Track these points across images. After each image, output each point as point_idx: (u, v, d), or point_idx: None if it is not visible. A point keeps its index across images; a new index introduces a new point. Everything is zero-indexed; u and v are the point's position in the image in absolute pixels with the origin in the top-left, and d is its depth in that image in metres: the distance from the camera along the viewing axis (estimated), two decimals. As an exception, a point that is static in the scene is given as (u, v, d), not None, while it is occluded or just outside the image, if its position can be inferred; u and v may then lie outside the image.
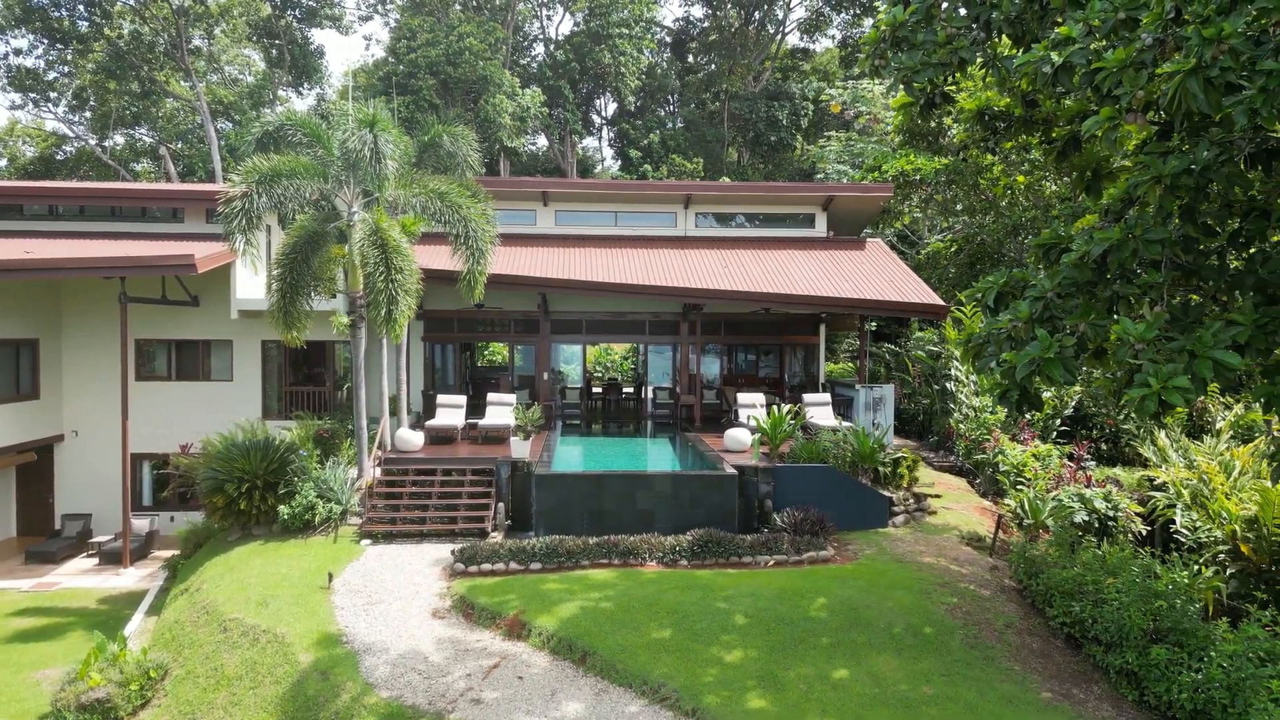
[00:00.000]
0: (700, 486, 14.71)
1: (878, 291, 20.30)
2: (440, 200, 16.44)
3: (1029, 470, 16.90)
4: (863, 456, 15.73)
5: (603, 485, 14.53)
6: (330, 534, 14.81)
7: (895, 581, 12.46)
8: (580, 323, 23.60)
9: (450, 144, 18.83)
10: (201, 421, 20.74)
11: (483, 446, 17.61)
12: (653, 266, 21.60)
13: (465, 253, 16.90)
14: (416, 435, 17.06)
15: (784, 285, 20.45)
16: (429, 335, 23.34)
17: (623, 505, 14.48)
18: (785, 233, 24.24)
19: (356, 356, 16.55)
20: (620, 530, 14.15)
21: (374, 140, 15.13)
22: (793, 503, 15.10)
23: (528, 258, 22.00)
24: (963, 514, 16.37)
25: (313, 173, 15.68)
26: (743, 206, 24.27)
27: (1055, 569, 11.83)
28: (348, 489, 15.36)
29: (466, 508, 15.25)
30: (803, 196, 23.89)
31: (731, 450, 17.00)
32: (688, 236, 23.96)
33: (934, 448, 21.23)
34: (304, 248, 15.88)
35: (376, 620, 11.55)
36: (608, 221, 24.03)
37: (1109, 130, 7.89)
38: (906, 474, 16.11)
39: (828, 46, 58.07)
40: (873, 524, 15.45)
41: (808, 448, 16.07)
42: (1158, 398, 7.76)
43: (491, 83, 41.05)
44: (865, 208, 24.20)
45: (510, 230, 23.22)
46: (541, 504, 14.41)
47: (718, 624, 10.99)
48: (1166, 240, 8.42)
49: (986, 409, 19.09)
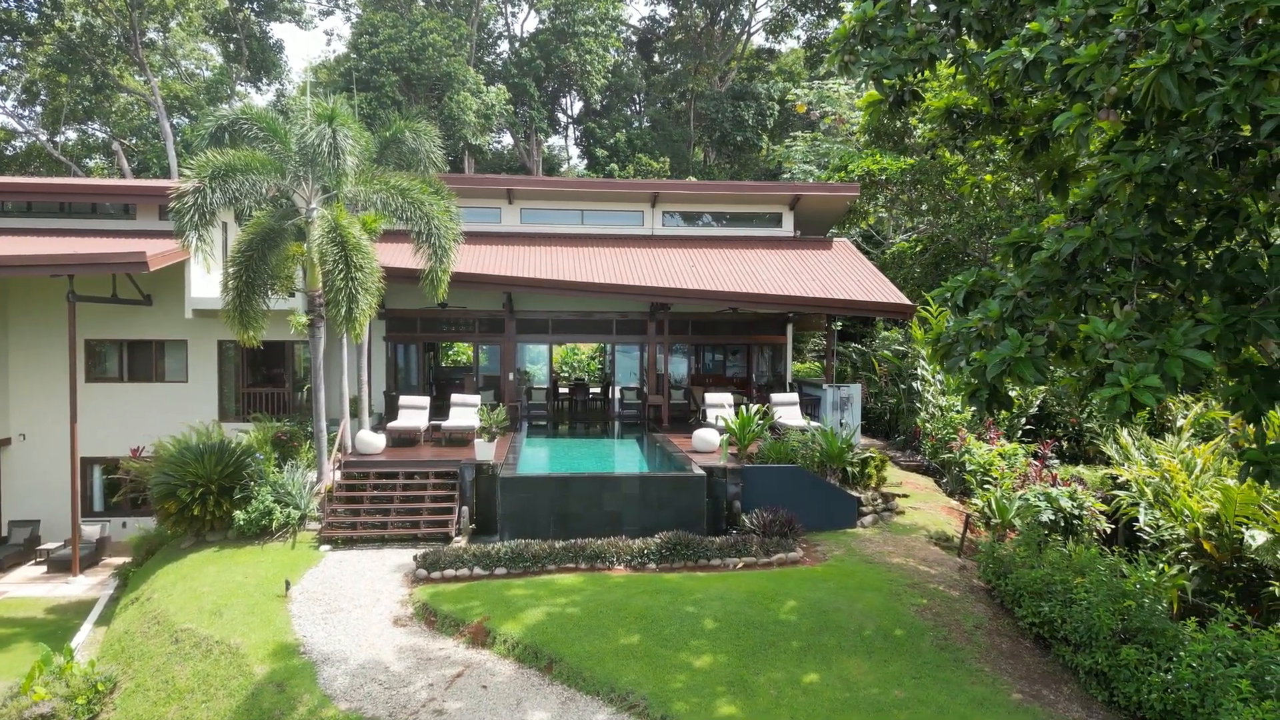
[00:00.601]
0: (668, 488, 14.52)
1: (845, 291, 20.27)
2: (402, 197, 16.07)
3: (995, 470, 16.95)
4: (831, 457, 15.64)
5: (569, 488, 14.27)
6: (288, 540, 14.37)
7: (865, 583, 12.36)
8: (546, 322, 23.30)
9: (413, 140, 18.44)
10: (155, 424, 20.12)
11: (446, 449, 17.25)
12: (620, 266, 21.38)
13: (428, 251, 16.54)
14: (378, 437, 16.66)
15: (752, 285, 20.33)
16: (392, 335, 22.90)
17: (590, 508, 14.25)
18: (753, 232, 24.15)
19: (315, 357, 16.13)
20: (587, 533, 13.91)
21: (332, 135, 14.72)
22: (761, 504, 14.97)
23: (492, 256, 21.66)
24: (930, 514, 16.35)
25: (269, 168, 15.23)
26: (710, 205, 24.14)
27: (1023, 569, 11.80)
28: (306, 493, 14.94)
29: (429, 512, 14.91)
30: (770, 196, 23.84)
31: (700, 451, 16.83)
32: (655, 235, 23.77)
33: (900, 447, 21.26)
34: (260, 245, 15.43)
35: (335, 629, 11.19)
36: (574, 220, 23.76)
37: (1081, 127, 7.82)
38: (874, 474, 16.05)
39: (793, 47, 58.33)
40: (841, 524, 15.37)
41: (776, 448, 15.95)
42: (1129, 397, 7.69)
43: (455, 79, 40.54)
44: (832, 207, 24.20)
45: (475, 228, 22.85)
46: (506, 507, 14.11)
47: (687, 628, 10.80)
48: (1137, 239, 8.39)
49: (953, 408, 19.14)
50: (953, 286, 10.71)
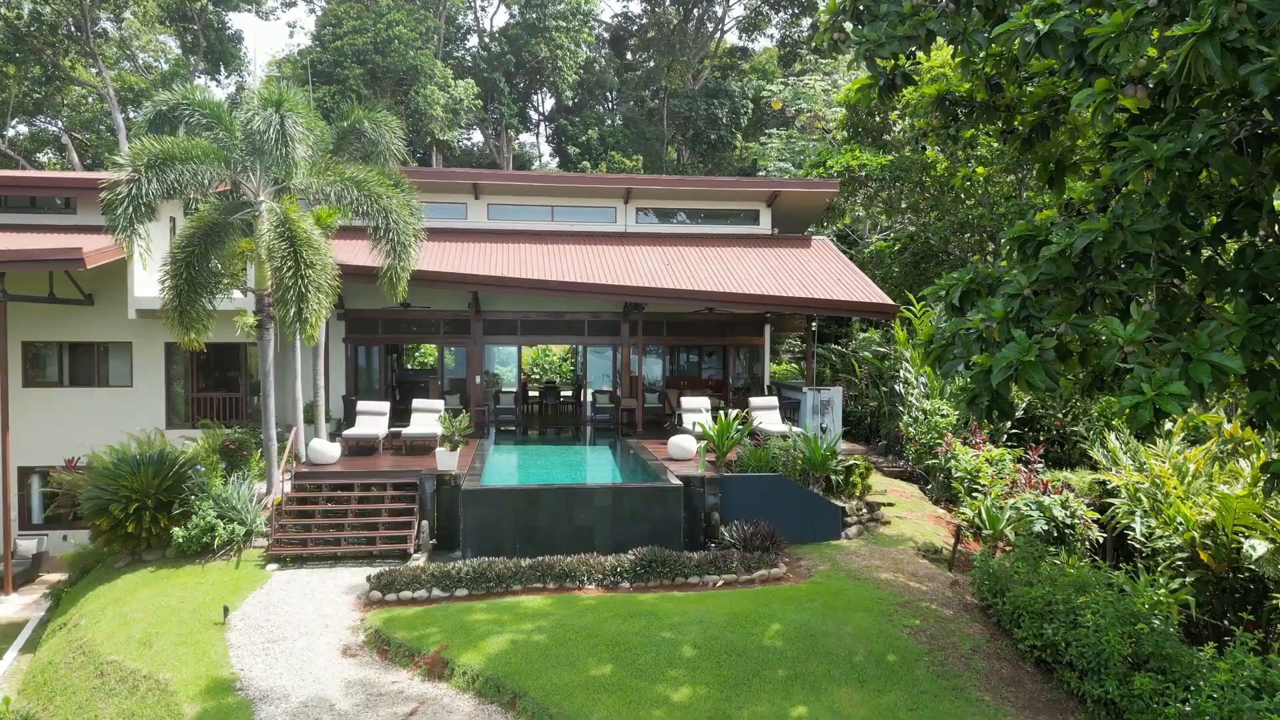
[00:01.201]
0: (643, 499, 13.63)
1: (826, 290, 19.51)
2: (357, 189, 15.03)
3: (984, 476, 16.26)
4: (814, 465, 14.84)
5: (537, 500, 13.33)
6: (232, 558, 13.30)
7: (853, 602, 11.56)
8: (515, 323, 22.33)
9: (372, 130, 17.46)
10: (98, 431, 18.87)
11: (407, 458, 16.23)
12: (592, 264, 20.48)
13: (386, 247, 15.52)
14: (332, 446, 15.60)
15: (729, 284, 19.52)
16: (351, 337, 21.82)
17: (559, 521, 13.31)
18: (729, 229, 23.34)
19: (265, 360, 15.06)
20: (556, 549, 12.98)
21: (280, 122, 13.66)
22: (741, 514, 14.13)
23: (458, 254, 20.66)
24: (917, 523, 15.61)
25: (213, 157, 14.14)
26: (685, 202, 23.30)
27: (1022, 587, 11.06)
28: (253, 507, 13.87)
29: (386, 526, 13.90)
30: (747, 192, 23.03)
31: (676, 459, 15.97)
32: (628, 233, 22.89)
33: (883, 452, 20.54)
34: (203, 240, 14.34)
35: (277, 661, 10.17)
36: (544, 216, 22.81)
37: (1103, 105, 7.03)
38: (859, 482, 15.29)
39: (766, 46, 57.69)
40: (825, 535, 14.58)
41: (756, 455, 15.12)
42: (1153, 405, 6.95)
43: (422, 73, 39.38)
44: (811, 204, 23.45)
45: (439, 225, 21.83)
46: (469, 522, 13.14)
47: (664, 657, 9.91)
48: (1156, 231, 7.64)
49: (938, 412, 18.43)
50: (948, 284, 9.95)
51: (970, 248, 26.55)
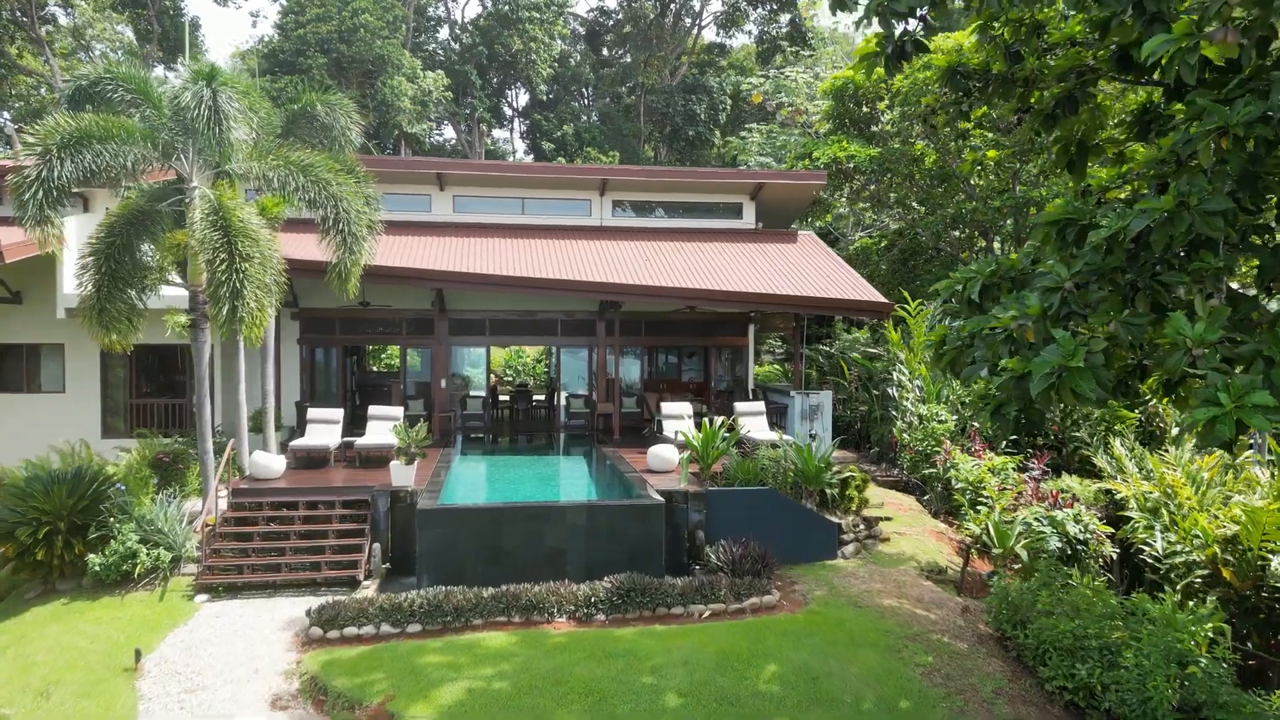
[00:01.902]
0: (621, 518, 12.27)
1: (815, 288, 18.28)
2: (303, 174, 13.57)
3: (988, 488, 15.10)
4: (807, 477, 13.58)
5: (502, 520, 11.94)
6: (157, 588, 11.79)
7: (857, 636, 10.29)
8: (483, 323, 20.92)
9: (326, 114, 16.01)
10: (29, 443, 17.17)
11: (361, 471, 14.78)
12: (565, 259, 19.11)
13: (336, 239, 14.07)
14: (276, 459, 14.10)
15: (712, 280, 18.23)
16: (306, 337, 20.30)
17: (527, 543, 11.93)
18: (711, 224, 22.06)
19: (199, 364, 13.58)
20: (524, 574, 11.61)
21: (211, 97, 12.19)
22: (729, 532, 12.85)
23: (420, 248, 19.21)
24: (918, 540, 14.40)
25: (138, 137, 12.63)
26: (664, 194, 21.98)
27: (1045, 617, 9.85)
28: (182, 529, 12.37)
29: (334, 550, 12.45)
30: (730, 184, 21.76)
31: (656, 470, 14.65)
32: (604, 226, 21.54)
33: (875, 459, 19.35)
34: (128, 229, 12.82)
35: (194, 717, 8.72)
36: (514, 209, 21.40)
37: (1184, 53, 5.80)
38: (856, 496, 14.05)
39: (745, 43, 56.50)
40: (820, 555, 13.33)
41: (744, 467, 13.83)
42: (1233, 420, 5.73)
43: (389, 63, 37.81)
44: (797, 197, 22.22)
45: (401, 217, 20.40)
46: (426, 545, 11.72)
47: (644, 707, 8.58)
48: (1229, 213, 6.44)
49: (935, 417, 17.24)
50: (964, 277, 8.71)
51: (961, 244, 25.47)
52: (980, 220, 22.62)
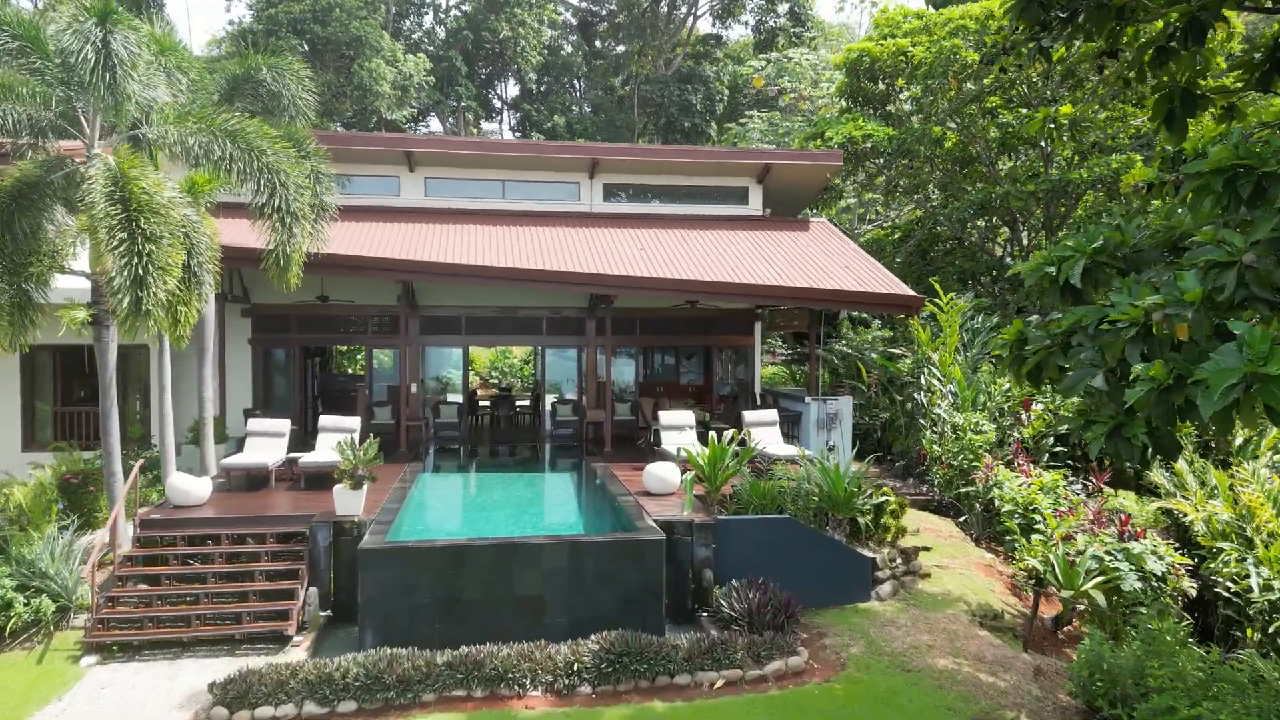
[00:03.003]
0: (612, 556, 10.03)
1: (834, 279, 16.07)
2: (231, 141, 11.30)
3: (1043, 510, 12.93)
4: (835, 502, 11.35)
5: (464, 561, 9.68)
6: (37, 646, 9.52)
7: (910, 712, 8.07)
8: (458, 321, 18.68)
9: (273, 80, 13.89)
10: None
11: (306, 495, 12.51)
12: (551, 249, 16.87)
13: (274, 220, 11.84)
14: (199, 482, 11.80)
15: (716, 272, 16.03)
16: (260, 337, 18.03)
17: (495, 590, 9.68)
18: (713, 210, 19.84)
19: (104, 369, 11.39)
20: (490, 630, 9.37)
21: (102, 39, 9.90)
22: (742, 570, 10.64)
23: (387, 236, 16.96)
24: (963, 575, 12.20)
25: (22, 94, 10.38)
26: (661, 177, 19.73)
27: (1157, 695, 7.64)
28: (73, 571, 10.10)
29: (261, 596, 10.18)
30: (734, 165, 19.52)
31: (655, 493, 12.44)
32: (594, 213, 19.30)
33: (900, 475, 17.12)
34: (10, 205, 10.55)
35: None
36: (493, 193, 19.15)
37: None
38: (893, 524, 11.84)
39: (742, 34, 54.21)
40: (851, 595, 11.12)
41: (758, 490, 11.61)
42: None
43: (367, 45, 35.49)
44: (809, 180, 20.01)
45: (365, 201, 18.18)
46: (369, 593, 9.46)
47: (642, 833, 6.35)
48: None
49: (975, 427, 15.02)
50: (1058, 257, 6.52)
51: (986, 235, 23.31)
52: (1011, 207, 20.43)
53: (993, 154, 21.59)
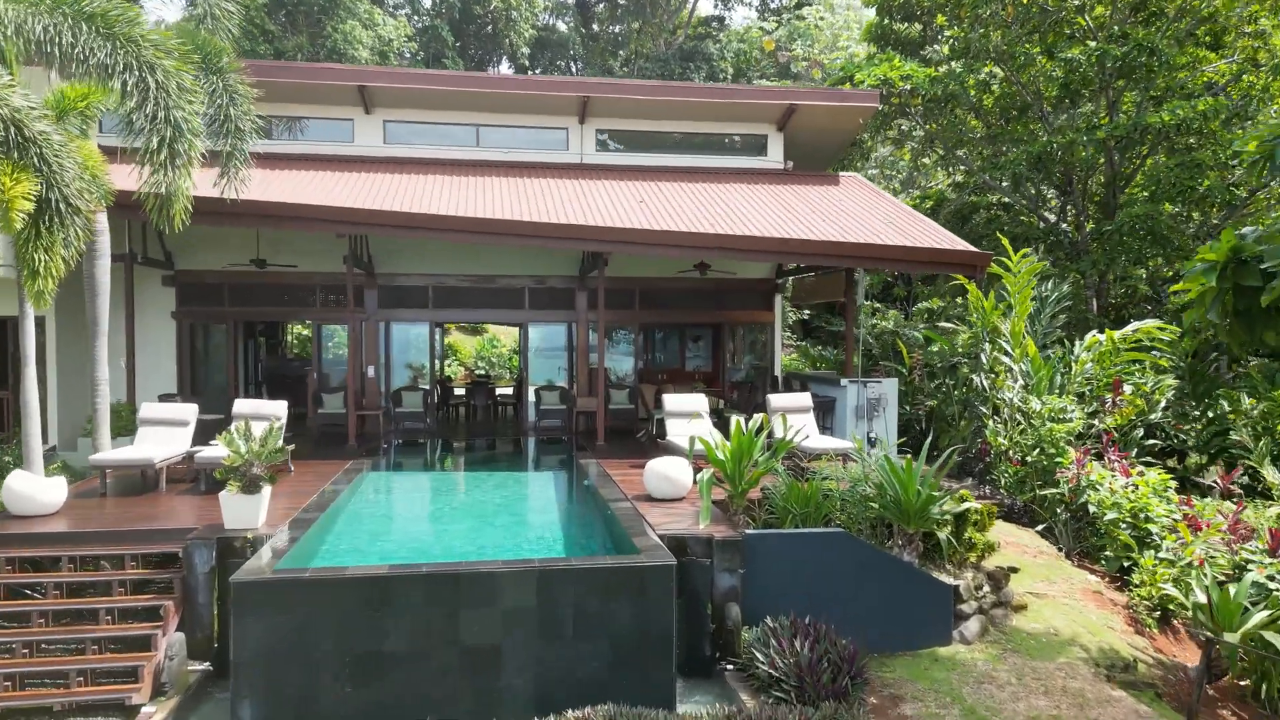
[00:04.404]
0: (601, 589, 7.06)
1: (877, 235, 13.14)
2: (88, 26, 8.37)
3: (1156, 518, 10.02)
4: (907, 512, 8.39)
5: (389, 598, 6.70)
6: None
7: None
8: (424, 291, 15.80)
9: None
10: None
11: (205, 501, 9.51)
12: (533, 202, 13.94)
13: (150, 136, 8.88)
14: (48, 485, 8.81)
15: (732, 226, 13.10)
16: (186, 310, 15.14)
17: (433, 640, 6.71)
18: (726, 162, 16.89)
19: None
20: (423, 700, 6.44)
21: None
22: (779, 605, 7.72)
23: (334, 187, 14.03)
24: (1068, 606, 9.26)
25: None
26: (664, 122, 16.75)
27: None
28: None
29: (107, 645, 7.23)
30: (752, 107, 16.48)
31: (659, 498, 9.52)
32: (585, 164, 16.35)
33: (955, 473, 14.16)
34: None
35: None
36: (465, 140, 16.20)
37: None
38: (979, 540, 8.90)
39: (746, 16, 51.08)
40: (928, 638, 8.19)
41: (798, 494, 8.66)
42: None
43: (341, 4, 32.53)
44: (839, 126, 17.04)
45: (310, 149, 15.28)
46: (248, 645, 6.50)
47: None
48: None
49: (1055, 414, 12.06)
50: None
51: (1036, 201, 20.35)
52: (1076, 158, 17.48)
53: (1047, 105, 18.64)
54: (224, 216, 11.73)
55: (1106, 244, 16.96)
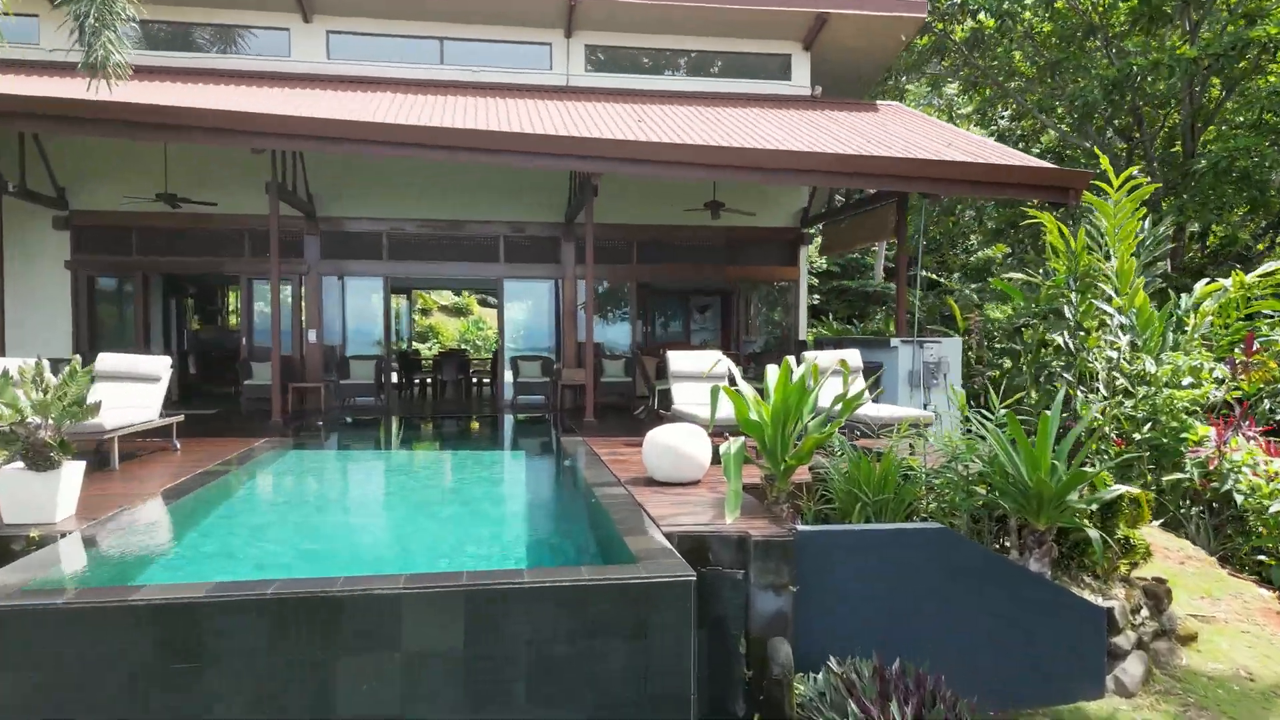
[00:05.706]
0: (577, 621, 4.34)
1: (935, 153, 10.40)
2: None
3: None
4: (1039, 500, 5.63)
5: (209, 640, 3.97)
6: None
7: None
8: (377, 239, 13.06)
9: None
10: None
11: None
12: (508, 124, 11.18)
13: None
14: None
15: (753, 142, 10.37)
16: (83, 259, 12.42)
17: (290, 712, 3.97)
18: (742, 86, 14.15)
19: None
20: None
21: None
22: (849, 639, 5.00)
23: (265, 101, 11.29)
24: (1247, 633, 6.52)
25: None
26: (667, 37, 13.99)
27: None
28: None
29: None
30: (774, 15, 13.56)
31: (664, 480, 6.79)
32: (572, 87, 13.60)
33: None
34: None
35: None
36: (427, 56, 13.46)
37: None
38: (1141, 544, 6.15)
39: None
40: (1072, 687, 5.47)
41: (867, 474, 5.91)
42: None
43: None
44: (877, 45, 14.25)
45: (237, 64, 12.55)
46: (-36, 723, 3.81)
47: None
48: None
49: (1180, 374, 9.31)
50: None
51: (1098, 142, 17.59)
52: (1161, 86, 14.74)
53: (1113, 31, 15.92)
54: (96, 124, 9.02)
55: (1191, 187, 14.25)
